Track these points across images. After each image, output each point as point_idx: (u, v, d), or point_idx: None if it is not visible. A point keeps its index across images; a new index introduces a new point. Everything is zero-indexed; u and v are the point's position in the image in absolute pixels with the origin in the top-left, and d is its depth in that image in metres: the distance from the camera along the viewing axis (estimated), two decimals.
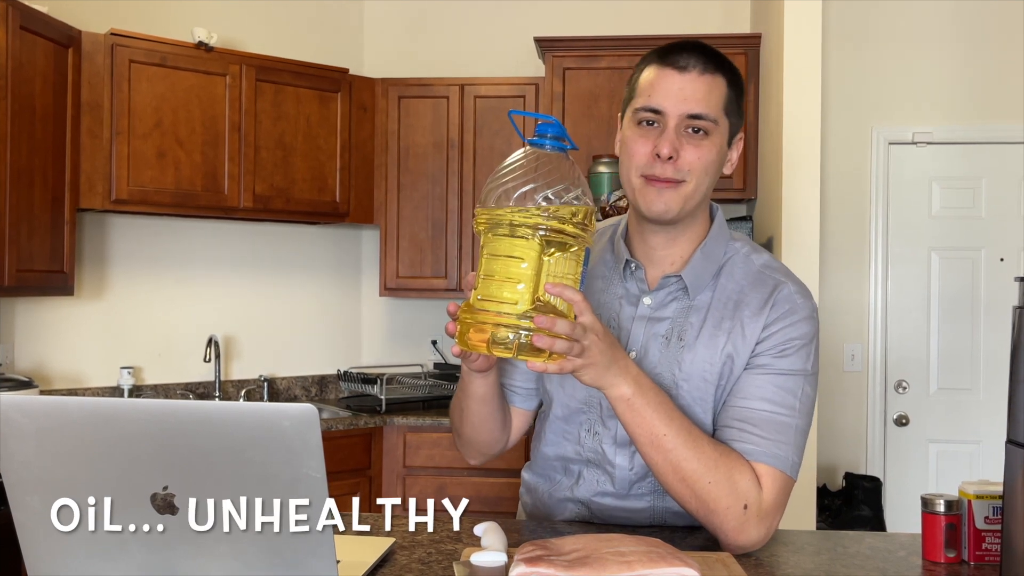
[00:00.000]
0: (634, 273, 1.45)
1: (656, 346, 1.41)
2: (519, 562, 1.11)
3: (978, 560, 1.29)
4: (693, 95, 1.33)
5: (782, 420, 1.34)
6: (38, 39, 3.04)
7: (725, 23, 4.13)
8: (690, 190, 1.36)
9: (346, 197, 3.90)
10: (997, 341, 3.94)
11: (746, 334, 1.37)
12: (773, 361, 1.36)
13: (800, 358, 1.37)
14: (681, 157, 1.34)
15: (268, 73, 3.66)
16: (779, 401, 1.35)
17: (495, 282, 1.15)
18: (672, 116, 1.34)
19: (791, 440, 1.35)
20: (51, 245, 3.15)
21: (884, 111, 4.03)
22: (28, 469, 1.04)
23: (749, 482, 1.30)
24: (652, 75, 1.36)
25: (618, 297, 1.46)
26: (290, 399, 4.09)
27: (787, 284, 1.41)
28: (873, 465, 3.99)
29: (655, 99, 1.34)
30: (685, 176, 1.35)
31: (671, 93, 1.34)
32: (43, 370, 3.47)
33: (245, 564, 1.03)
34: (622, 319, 1.44)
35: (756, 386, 1.36)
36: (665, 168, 1.34)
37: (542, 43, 3.85)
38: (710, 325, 1.39)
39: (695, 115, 1.34)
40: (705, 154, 1.35)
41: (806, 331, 1.38)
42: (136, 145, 3.35)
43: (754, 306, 1.38)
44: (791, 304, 1.38)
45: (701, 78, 1.34)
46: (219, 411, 1.01)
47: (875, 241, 4.02)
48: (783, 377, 1.36)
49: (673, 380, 1.40)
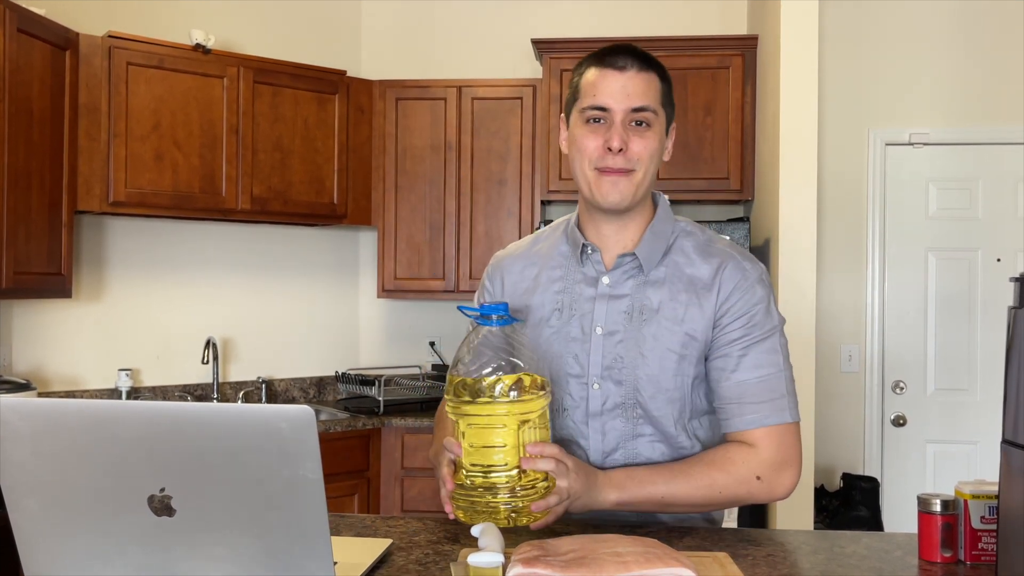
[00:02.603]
0: (591, 256, 1.55)
1: (620, 322, 1.51)
2: (516, 563, 1.11)
3: (974, 560, 1.29)
4: (634, 91, 1.47)
5: (772, 379, 1.48)
6: (35, 41, 3.04)
7: (721, 25, 4.14)
8: (640, 177, 1.49)
9: (344, 199, 3.90)
10: (994, 342, 3.94)
11: (703, 306, 1.49)
12: (747, 332, 1.48)
13: (767, 318, 1.50)
14: (630, 148, 1.47)
15: (266, 75, 3.66)
16: (765, 364, 1.48)
17: (481, 450, 1.31)
18: (618, 112, 1.47)
19: (783, 391, 1.49)
20: (48, 247, 3.15)
21: (881, 112, 4.03)
22: (25, 471, 1.04)
23: (745, 461, 1.46)
24: (594, 76, 1.49)
25: (577, 282, 1.56)
26: (288, 401, 4.09)
27: (732, 256, 1.52)
28: (870, 465, 4.00)
29: (600, 98, 1.47)
30: (635, 165, 1.48)
31: (615, 91, 1.47)
32: (41, 372, 3.47)
33: (242, 566, 1.03)
34: (583, 300, 1.54)
35: (741, 359, 1.48)
36: (616, 159, 1.47)
37: (539, 45, 3.86)
38: (668, 298, 1.50)
39: (638, 108, 1.47)
40: (650, 143, 1.48)
41: (762, 294, 1.50)
42: (134, 147, 3.35)
43: (705, 279, 1.50)
44: (741, 272, 1.50)
45: (639, 75, 1.48)
46: (216, 413, 1.01)
47: (872, 242, 4.03)
48: (761, 343, 1.48)
49: (639, 352, 1.50)
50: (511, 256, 1.67)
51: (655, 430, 1.51)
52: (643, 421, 1.51)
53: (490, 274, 1.68)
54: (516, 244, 1.70)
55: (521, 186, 3.96)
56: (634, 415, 1.51)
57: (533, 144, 3.95)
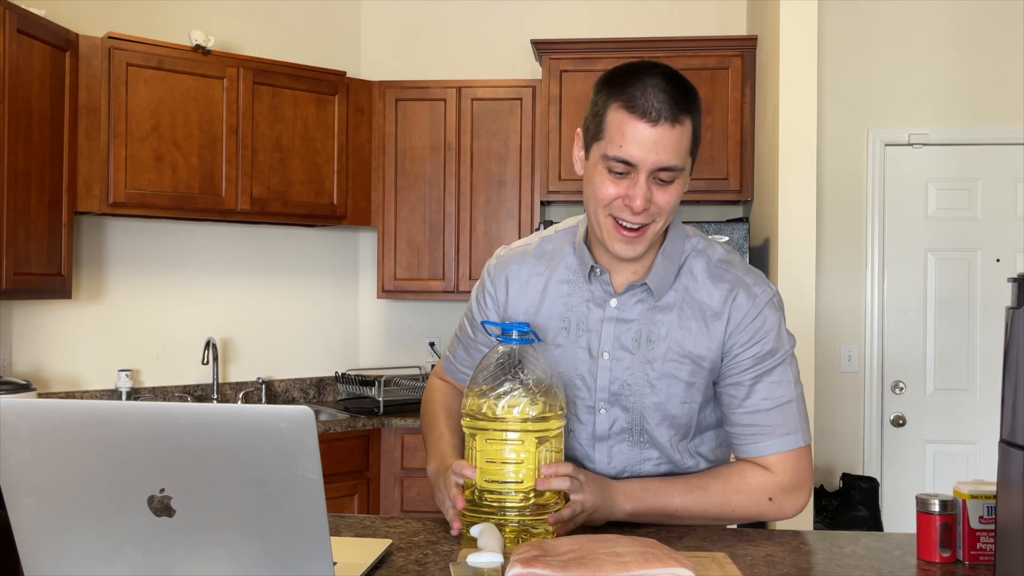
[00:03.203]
0: (599, 277, 1.50)
1: (628, 347, 1.48)
2: (515, 563, 1.11)
3: (973, 560, 1.29)
4: (664, 149, 1.36)
5: (786, 407, 1.46)
6: (35, 43, 3.04)
7: (721, 25, 4.14)
8: (658, 228, 1.43)
9: (343, 199, 3.90)
10: (993, 342, 3.95)
11: (712, 334, 1.46)
12: (759, 361, 1.46)
13: (779, 345, 1.47)
14: (652, 203, 1.39)
15: (265, 76, 3.66)
16: (778, 392, 1.46)
17: (498, 467, 1.33)
18: (644, 169, 1.37)
19: (795, 415, 1.47)
20: (48, 248, 3.15)
21: (880, 113, 4.04)
22: (24, 472, 1.04)
23: (759, 481, 1.46)
24: (621, 122, 1.36)
25: (584, 300, 1.52)
26: (288, 401, 4.09)
27: (743, 281, 1.48)
28: (870, 466, 4.00)
29: (626, 150, 1.36)
30: (655, 218, 1.41)
31: (643, 146, 1.35)
32: (41, 373, 3.47)
33: (242, 566, 1.03)
34: (591, 321, 1.51)
35: (754, 388, 1.46)
36: (636, 218, 1.39)
37: (539, 45, 3.86)
38: (677, 326, 1.47)
39: (667, 168, 1.37)
40: (673, 197, 1.40)
41: (772, 320, 1.47)
42: (133, 148, 3.35)
43: (715, 306, 1.46)
44: (751, 300, 1.46)
45: (672, 130, 1.35)
46: (215, 413, 1.01)
47: (871, 242, 4.03)
48: (773, 371, 1.46)
49: (647, 380, 1.48)
50: (518, 261, 1.60)
51: (660, 454, 1.51)
52: (649, 446, 1.51)
53: (493, 275, 1.61)
54: (522, 246, 1.62)
55: (520, 187, 3.97)
56: (640, 440, 1.51)
57: (533, 145, 3.95)
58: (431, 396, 1.73)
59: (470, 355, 1.66)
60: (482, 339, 1.63)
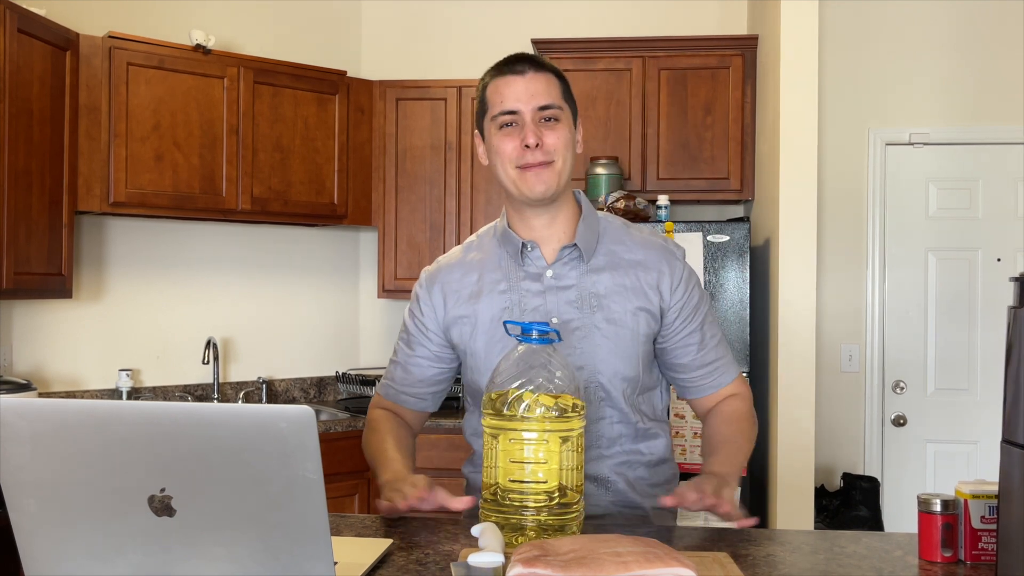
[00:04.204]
0: (530, 253, 1.63)
1: (571, 311, 1.60)
2: (516, 562, 1.11)
3: (974, 560, 1.29)
4: (537, 90, 1.57)
5: (721, 337, 1.71)
6: (36, 42, 3.04)
7: (721, 25, 4.14)
8: (560, 166, 1.58)
9: (344, 199, 3.90)
10: (994, 341, 3.94)
11: (648, 290, 1.61)
12: (697, 309, 1.66)
13: (702, 292, 1.68)
14: (544, 142, 1.56)
15: (266, 75, 3.66)
16: (715, 330, 1.70)
17: (520, 466, 1.34)
18: (527, 112, 1.56)
19: (726, 343, 1.72)
20: (49, 248, 3.15)
21: (881, 112, 4.04)
22: (25, 472, 1.04)
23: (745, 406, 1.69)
24: (496, 86, 1.59)
25: (520, 280, 1.63)
26: (288, 401, 4.09)
27: (656, 242, 1.66)
28: (871, 465, 4.00)
29: (507, 102, 1.57)
30: (553, 156, 1.57)
31: (520, 94, 1.57)
32: (41, 373, 3.47)
33: (242, 566, 1.03)
34: (531, 296, 1.61)
35: (703, 332, 1.66)
36: (535, 154, 1.56)
37: (539, 45, 3.86)
38: (615, 284, 1.61)
39: (545, 106, 1.57)
40: (562, 135, 1.58)
41: (690, 271, 1.67)
42: (134, 148, 3.35)
43: (644, 262, 1.63)
44: (673, 257, 1.65)
45: (538, 76, 1.58)
46: (216, 413, 1.01)
47: (872, 242, 4.03)
48: (708, 314, 1.68)
49: (597, 336, 1.59)
50: (447, 266, 1.70)
51: (614, 410, 1.61)
52: (604, 403, 1.61)
53: (426, 286, 1.70)
54: (447, 256, 1.74)
55: None
56: (596, 398, 1.60)
57: None
58: (374, 427, 1.77)
59: (409, 373, 1.73)
60: (420, 352, 1.70)
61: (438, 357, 1.70)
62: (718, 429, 1.67)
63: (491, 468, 1.36)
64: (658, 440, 1.67)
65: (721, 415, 1.68)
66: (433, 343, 1.69)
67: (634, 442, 1.64)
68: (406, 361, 1.73)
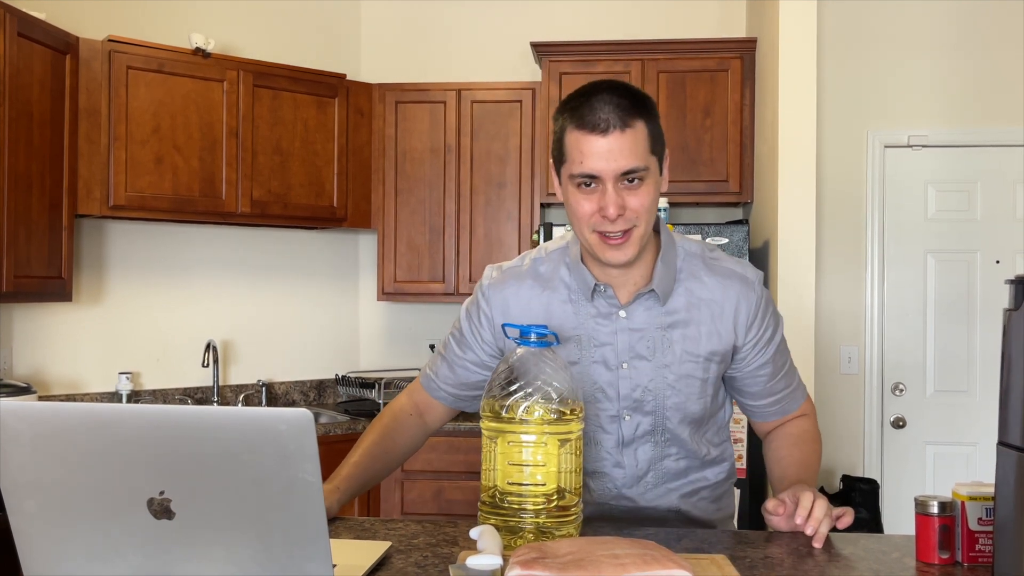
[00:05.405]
0: (603, 293, 1.55)
1: (642, 358, 1.55)
2: (514, 565, 1.11)
3: (971, 561, 1.30)
4: (620, 154, 1.41)
5: (791, 364, 1.69)
6: (36, 46, 3.05)
7: (720, 27, 4.14)
8: (641, 232, 1.48)
9: (343, 202, 3.90)
10: (993, 343, 3.94)
11: (723, 328, 1.56)
12: (771, 340, 1.62)
13: (776, 318, 1.63)
14: (627, 207, 1.44)
15: (265, 79, 3.66)
16: (786, 358, 1.67)
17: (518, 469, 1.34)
18: (608, 178, 1.43)
19: (795, 370, 1.70)
20: (49, 251, 3.15)
21: (879, 114, 4.04)
22: (24, 474, 1.04)
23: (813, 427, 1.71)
24: (576, 141, 1.44)
25: (591, 316, 1.56)
26: (288, 404, 4.09)
27: (735, 269, 1.59)
28: (870, 467, 4.00)
29: (587, 165, 1.43)
30: (635, 222, 1.46)
31: (600, 157, 1.42)
32: (41, 376, 3.48)
33: (241, 568, 1.04)
34: (602, 335, 1.56)
35: (776, 362, 1.63)
36: (615, 224, 1.45)
37: (539, 48, 3.86)
38: (688, 327, 1.55)
39: (628, 171, 1.43)
40: (645, 198, 1.45)
41: (767, 299, 1.61)
42: (134, 151, 3.36)
43: (719, 300, 1.56)
44: (748, 287, 1.58)
45: (623, 135, 1.41)
46: (215, 416, 1.01)
47: (871, 244, 4.03)
48: (781, 342, 1.65)
49: (666, 384, 1.56)
50: (515, 282, 1.61)
51: (679, 448, 1.60)
52: (670, 443, 1.60)
53: (489, 296, 1.61)
54: (515, 267, 1.63)
55: (520, 189, 3.97)
56: (662, 440, 1.59)
57: (532, 147, 3.95)
58: (374, 424, 1.74)
59: (455, 373, 1.68)
60: (470, 357, 1.65)
61: (487, 365, 1.65)
62: (790, 452, 1.65)
63: (489, 471, 1.37)
64: (723, 464, 1.68)
65: (790, 437, 1.67)
66: (484, 352, 1.64)
67: (700, 470, 1.64)
68: (454, 361, 1.68)
